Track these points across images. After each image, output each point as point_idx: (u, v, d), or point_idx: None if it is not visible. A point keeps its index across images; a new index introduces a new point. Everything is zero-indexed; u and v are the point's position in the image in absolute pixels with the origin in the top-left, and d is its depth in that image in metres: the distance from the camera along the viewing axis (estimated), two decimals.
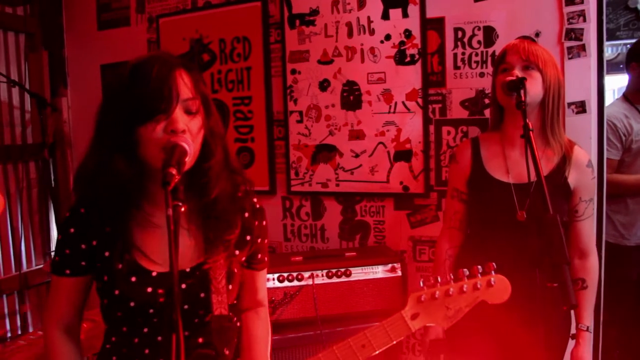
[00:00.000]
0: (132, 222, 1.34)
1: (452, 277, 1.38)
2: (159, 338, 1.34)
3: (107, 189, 1.29)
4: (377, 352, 1.33)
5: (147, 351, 1.35)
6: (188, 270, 1.35)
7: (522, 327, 1.88)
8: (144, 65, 1.26)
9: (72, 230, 1.36)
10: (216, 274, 1.36)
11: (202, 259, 1.37)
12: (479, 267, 1.40)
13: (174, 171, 1.12)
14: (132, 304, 1.31)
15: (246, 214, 1.46)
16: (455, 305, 1.35)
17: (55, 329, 1.43)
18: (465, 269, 1.38)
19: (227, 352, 1.43)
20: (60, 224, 1.39)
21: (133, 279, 1.31)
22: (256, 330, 1.55)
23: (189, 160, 1.23)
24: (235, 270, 1.43)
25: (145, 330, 1.34)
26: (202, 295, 1.35)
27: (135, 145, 1.26)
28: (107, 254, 1.33)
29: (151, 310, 1.32)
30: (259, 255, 1.53)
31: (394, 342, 1.35)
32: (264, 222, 1.52)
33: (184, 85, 1.27)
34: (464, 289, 1.35)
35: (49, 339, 1.43)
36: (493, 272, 1.39)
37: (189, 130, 1.25)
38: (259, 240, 1.51)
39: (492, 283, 1.37)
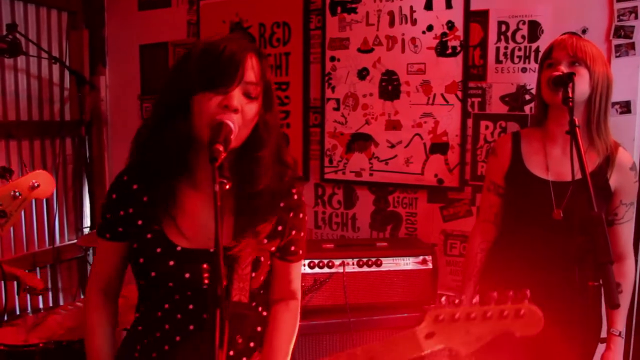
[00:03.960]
0: (169, 194, 1.37)
1: (478, 299, 1.23)
2: (178, 316, 1.36)
3: (154, 155, 1.34)
4: None
5: (182, 334, 1.37)
6: (212, 250, 1.33)
7: (555, 326, 1.86)
8: (218, 42, 1.30)
9: (114, 196, 1.41)
10: (242, 260, 1.36)
11: (228, 242, 1.35)
12: (512, 292, 1.22)
13: (220, 148, 1.14)
14: (152, 274, 1.34)
15: (282, 204, 1.44)
16: (476, 331, 1.20)
17: (95, 292, 1.48)
18: (495, 293, 1.22)
19: (239, 340, 1.42)
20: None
21: (158, 250, 1.35)
22: (282, 322, 1.51)
23: (234, 139, 1.24)
24: (262, 259, 1.40)
25: (167, 306, 1.36)
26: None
27: (187, 115, 1.30)
28: (140, 222, 1.37)
29: (170, 284, 1.34)
30: (292, 248, 1.50)
31: None
32: (301, 215, 1.50)
33: (251, 69, 1.29)
34: (488, 315, 1.19)
35: (88, 302, 1.48)
36: (526, 301, 1.20)
37: (242, 112, 1.27)
38: (294, 233, 1.48)
39: (521, 314, 1.19)
